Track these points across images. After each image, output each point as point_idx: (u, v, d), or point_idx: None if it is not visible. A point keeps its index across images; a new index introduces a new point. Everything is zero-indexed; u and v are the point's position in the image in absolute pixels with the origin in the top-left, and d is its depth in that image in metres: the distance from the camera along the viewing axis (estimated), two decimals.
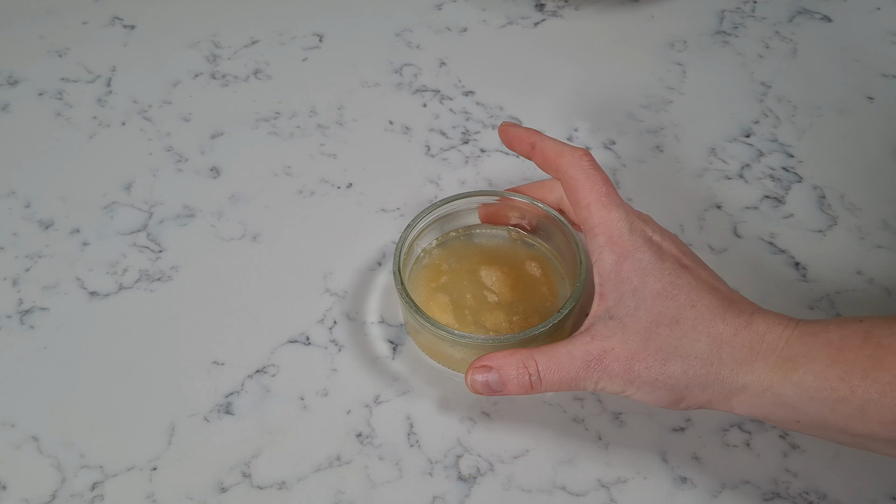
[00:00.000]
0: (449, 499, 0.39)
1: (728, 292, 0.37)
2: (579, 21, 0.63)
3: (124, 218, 0.51)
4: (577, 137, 0.54)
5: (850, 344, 0.33)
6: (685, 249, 0.38)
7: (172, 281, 0.48)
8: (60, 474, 0.40)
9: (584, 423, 0.42)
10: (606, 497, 0.39)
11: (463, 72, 0.59)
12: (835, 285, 0.47)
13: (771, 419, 0.35)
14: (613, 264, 0.37)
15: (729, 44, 0.61)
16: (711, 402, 0.35)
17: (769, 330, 0.34)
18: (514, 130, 0.42)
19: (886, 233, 0.49)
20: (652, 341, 0.35)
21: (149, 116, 0.57)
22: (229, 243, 0.49)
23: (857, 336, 0.33)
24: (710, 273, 0.38)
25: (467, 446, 0.41)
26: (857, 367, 0.32)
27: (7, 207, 0.51)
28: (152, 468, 0.40)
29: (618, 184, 0.52)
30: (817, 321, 0.35)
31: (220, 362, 0.44)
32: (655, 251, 0.37)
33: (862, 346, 0.32)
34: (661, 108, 0.56)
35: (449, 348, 0.41)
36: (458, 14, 0.63)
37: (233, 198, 0.52)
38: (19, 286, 0.48)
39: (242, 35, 0.62)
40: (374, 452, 0.41)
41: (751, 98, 0.57)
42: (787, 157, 0.53)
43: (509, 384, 0.38)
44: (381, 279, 0.47)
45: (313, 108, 0.57)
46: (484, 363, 0.38)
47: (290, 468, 0.40)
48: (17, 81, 0.59)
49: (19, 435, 0.42)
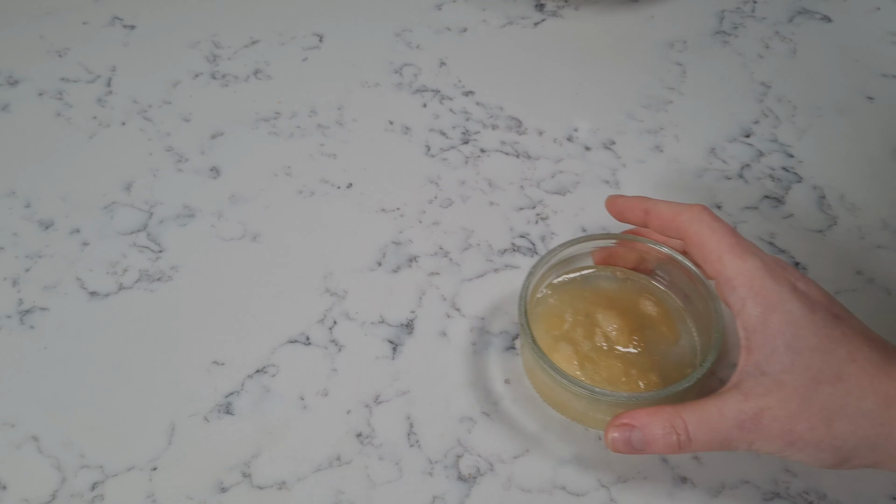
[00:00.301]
0: (449, 499, 0.39)
1: (884, 343, 0.35)
2: (579, 21, 0.63)
3: (124, 218, 0.51)
4: (577, 137, 0.55)
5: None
6: (831, 297, 0.36)
7: (172, 281, 0.48)
8: (60, 474, 0.40)
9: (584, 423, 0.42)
10: (606, 497, 0.39)
11: (463, 72, 0.59)
12: (835, 285, 0.47)
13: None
14: (760, 316, 0.34)
15: (729, 44, 0.61)
16: (880, 463, 0.34)
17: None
18: (622, 201, 0.41)
19: (886, 233, 0.49)
20: (814, 400, 0.33)
21: (149, 116, 0.57)
22: (229, 243, 0.49)
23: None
24: (861, 322, 0.36)
25: (467, 446, 0.41)
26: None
27: (7, 207, 0.51)
28: (152, 468, 0.40)
29: (617, 184, 0.52)
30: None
31: (221, 362, 0.44)
32: (804, 301, 0.35)
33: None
34: (660, 108, 0.56)
35: (575, 400, 0.39)
36: (458, 14, 0.63)
37: (233, 198, 0.52)
38: (19, 286, 0.48)
39: (242, 35, 0.62)
40: (374, 452, 0.41)
41: (751, 98, 0.57)
42: (786, 157, 0.53)
43: (654, 443, 0.35)
44: (381, 279, 0.47)
45: (313, 109, 0.57)
46: (626, 421, 0.36)
47: (290, 468, 0.40)
48: (17, 81, 0.59)
49: (19, 435, 0.42)
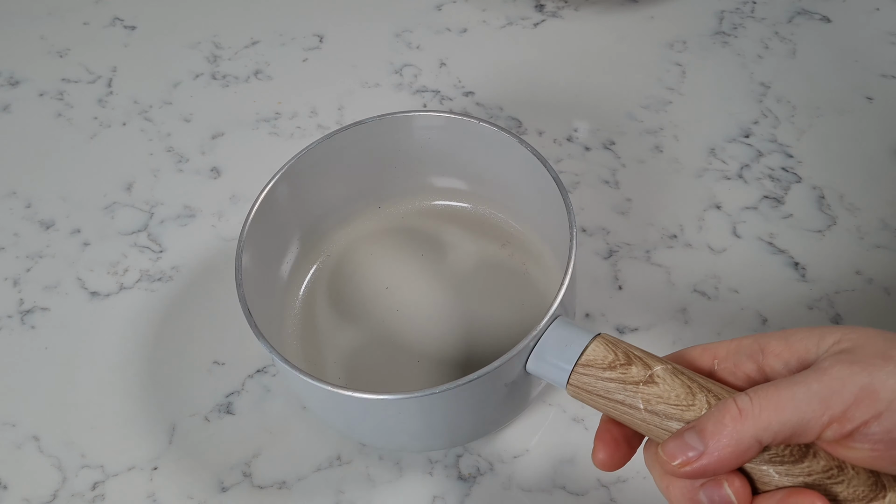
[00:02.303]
0: (449, 499, 0.39)
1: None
2: (579, 22, 0.63)
3: (125, 218, 0.51)
4: (577, 137, 0.55)
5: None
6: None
7: (173, 281, 0.48)
8: (61, 474, 0.40)
9: (583, 423, 0.42)
10: (606, 497, 0.39)
11: (463, 72, 0.59)
12: (834, 285, 0.47)
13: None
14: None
15: (728, 44, 0.61)
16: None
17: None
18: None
19: (886, 233, 0.49)
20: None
21: (149, 117, 0.57)
22: (230, 243, 0.49)
23: None
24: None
25: (467, 446, 0.41)
26: None
27: (8, 208, 0.52)
28: (153, 468, 0.40)
29: (617, 184, 0.52)
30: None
31: (221, 362, 0.44)
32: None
33: None
34: (660, 109, 0.56)
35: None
36: (458, 14, 0.64)
37: (233, 198, 0.52)
38: (20, 286, 0.48)
39: (243, 35, 0.62)
40: (374, 452, 0.41)
41: (750, 98, 0.57)
42: (786, 158, 0.53)
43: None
44: None
45: (314, 109, 0.57)
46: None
47: (290, 468, 0.40)
48: (17, 82, 0.59)
49: (20, 434, 0.42)
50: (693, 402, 0.31)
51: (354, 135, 0.43)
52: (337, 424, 0.39)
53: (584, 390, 0.33)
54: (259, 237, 0.40)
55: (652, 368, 0.32)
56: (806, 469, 0.29)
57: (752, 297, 0.46)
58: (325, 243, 0.46)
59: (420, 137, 0.44)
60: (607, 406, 0.32)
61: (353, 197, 0.46)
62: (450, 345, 0.43)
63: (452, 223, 0.47)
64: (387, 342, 0.43)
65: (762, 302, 0.46)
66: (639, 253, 0.48)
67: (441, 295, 0.44)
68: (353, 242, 0.46)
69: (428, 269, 0.45)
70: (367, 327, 0.43)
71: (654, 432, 0.31)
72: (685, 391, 0.31)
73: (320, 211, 0.45)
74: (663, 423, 0.31)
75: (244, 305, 0.36)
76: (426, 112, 0.43)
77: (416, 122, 0.43)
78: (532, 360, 0.35)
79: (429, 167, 0.46)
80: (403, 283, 0.45)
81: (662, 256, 0.48)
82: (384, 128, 0.43)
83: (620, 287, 0.47)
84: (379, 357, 0.42)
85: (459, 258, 0.46)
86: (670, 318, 0.45)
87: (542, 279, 0.44)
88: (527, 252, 0.45)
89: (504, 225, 0.46)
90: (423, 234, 0.47)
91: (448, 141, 0.44)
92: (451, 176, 0.47)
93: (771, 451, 0.29)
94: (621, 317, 0.46)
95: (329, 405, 0.37)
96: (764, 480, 0.29)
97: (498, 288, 0.44)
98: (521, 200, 0.44)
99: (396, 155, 0.45)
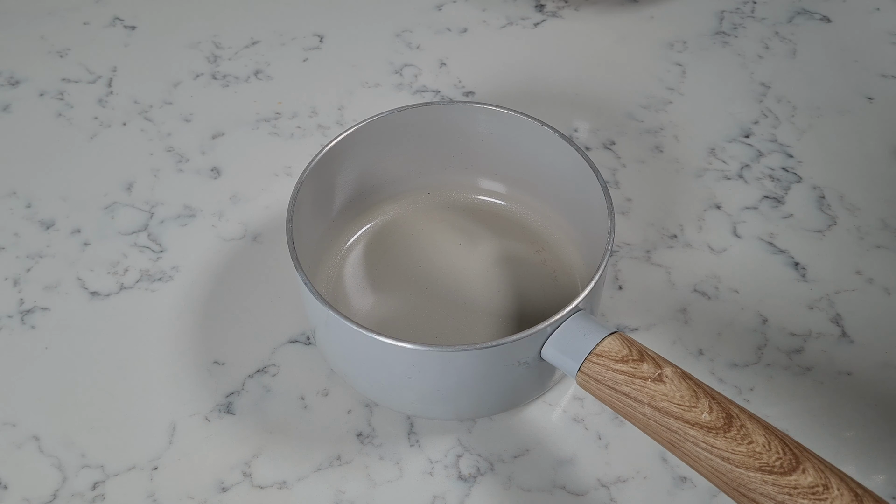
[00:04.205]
0: (449, 499, 0.39)
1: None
2: (579, 22, 0.63)
3: (125, 218, 0.51)
4: (577, 137, 0.55)
5: None
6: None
7: (173, 281, 0.48)
8: (61, 474, 0.40)
9: (583, 423, 0.42)
10: (606, 497, 0.39)
11: (463, 72, 0.59)
12: (834, 285, 0.47)
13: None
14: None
15: (728, 44, 0.61)
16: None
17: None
18: None
19: (886, 233, 0.49)
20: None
21: (150, 117, 0.57)
22: (230, 243, 0.49)
23: None
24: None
25: (467, 446, 0.41)
26: None
27: (8, 207, 0.52)
28: (153, 468, 0.40)
29: (617, 184, 0.52)
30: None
31: (221, 362, 0.44)
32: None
33: None
34: (660, 109, 0.56)
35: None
36: (458, 14, 0.64)
37: (233, 198, 0.52)
38: (20, 286, 0.48)
39: (243, 35, 0.62)
40: (374, 452, 0.41)
41: (750, 98, 0.57)
42: (786, 158, 0.53)
43: None
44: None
45: (314, 109, 0.57)
46: None
47: (290, 468, 0.40)
48: (18, 82, 0.59)
49: (20, 434, 0.42)
50: (696, 404, 0.32)
51: (424, 114, 0.45)
52: (352, 372, 0.41)
53: (594, 379, 0.35)
54: (314, 187, 0.43)
55: (662, 368, 0.34)
56: (793, 481, 0.30)
57: (752, 297, 0.46)
58: (371, 214, 0.48)
59: (482, 130, 0.46)
60: (612, 397, 0.34)
61: (407, 176, 0.48)
62: (469, 331, 0.43)
63: (493, 220, 0.48)
64: (409, 317, 0.44)
65: (762, 302, 0.46)
66: (639, 253, 0.48)
67: (469, 284, 0.45)
68: (398, 218, 0.48)
69: (462, 257, 0.47)
70: (393, 299, 0.45)
71: (652, 428, 0.33)
72: (690, 393, 0.33)
73: (375, 182, 0.47)
74: (663, 420, 0.33)
75: (290, 239, 0.38)
76: (491, 106, 0.45)
77: (480, 114, 0.45)
78: (548, 346, 0.36)
79: (483, 162, 0.48)
80: (436, 265, 0.46)
81: (662, 256, 0.48)
82: (454, 112, 0.45)
83: (621, 287, 0.47)
84: (399, 331, 0.43)
85: (493, 254, 0.47)
86: (670, 318, 0.45)
87: (569, 286, 0.45)
88: (559, 260, 0.46)
89: (543, 231, 0.48)
90: (463, 225, 0.48)
91: (507, 138, 0.46)
92: (501, 174, 0.48)
93: (762, 460, 0.30)
94: (621, 317, 0.46)
95: (349, 346, 0.38)
96: (750, 487, 0.31)
97: (524, 286, 0.45)
98: (563, 205, 0.46)
99: (457, 144, 0.47)
